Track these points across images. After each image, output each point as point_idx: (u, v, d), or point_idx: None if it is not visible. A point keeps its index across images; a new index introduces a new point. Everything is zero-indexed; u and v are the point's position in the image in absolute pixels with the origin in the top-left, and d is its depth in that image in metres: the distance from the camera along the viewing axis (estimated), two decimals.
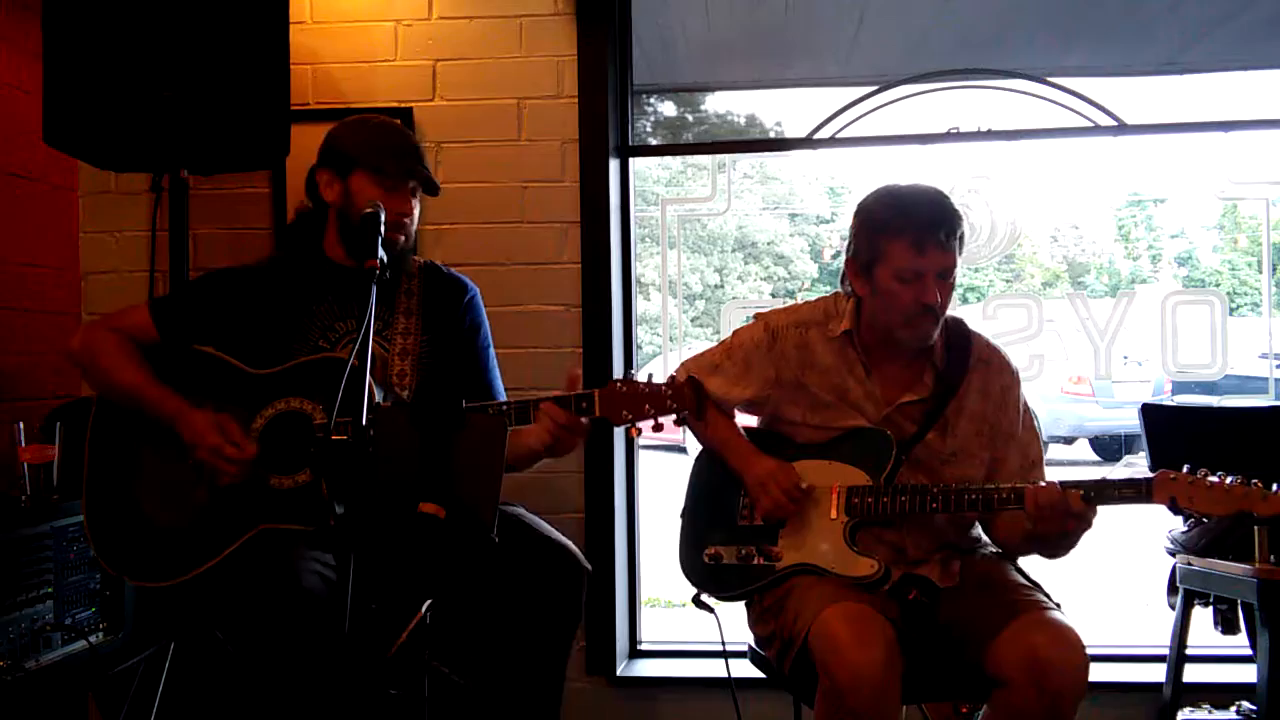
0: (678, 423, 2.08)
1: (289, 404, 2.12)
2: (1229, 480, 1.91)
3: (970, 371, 2.20)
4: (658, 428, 2.09)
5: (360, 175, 2.19)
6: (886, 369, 2.19)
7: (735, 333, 2.34)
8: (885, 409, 2.17)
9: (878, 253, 2.10)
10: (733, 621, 2.29)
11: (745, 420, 2.36)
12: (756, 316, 2.33)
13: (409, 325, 2.27)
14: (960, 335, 2.22)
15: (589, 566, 2.19)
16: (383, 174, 2.18)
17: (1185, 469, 1.95)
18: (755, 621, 2.22)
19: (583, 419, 2.05)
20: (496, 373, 2.43)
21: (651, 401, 2.05)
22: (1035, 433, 2.24)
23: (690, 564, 2.26)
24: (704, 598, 2.24)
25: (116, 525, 2.12)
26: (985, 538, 2.26)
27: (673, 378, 2.07)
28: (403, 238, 2.22)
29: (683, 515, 2.32)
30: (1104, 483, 1.98)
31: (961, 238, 2.09)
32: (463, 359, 2.36)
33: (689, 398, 2.05)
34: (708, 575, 2.23)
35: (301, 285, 2.26)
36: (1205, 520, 1.93)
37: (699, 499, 2.32)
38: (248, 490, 2.07)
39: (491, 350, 2.44)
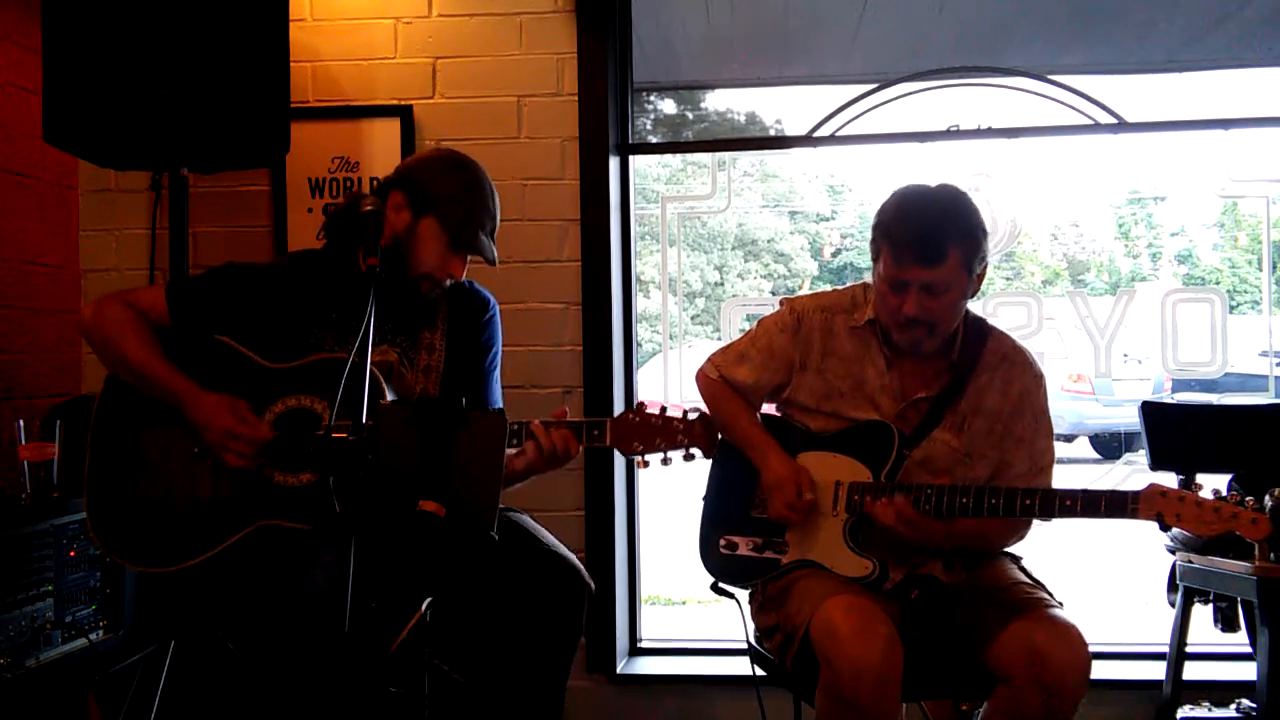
0: (686, 458, 2.08)
1: (299, 401, 2.11)
2: (1219, 500, 1.89)
3: (988, 370, 2.18)
4: (666, 462, 2.09)
5: (432, 222, 2.14)
6: (907, 363, 2.18)
7: (760, 320, 2.33)
8: (900, 404, 2.16)
9: (876, 252, 2.11)
10: (731, 620, 2.29)
11: (763, 408, 2.35)
12: (782, 301, 2.33)
13: (434, 341, 2.25)
14: (976, 333, 2.20)
15: (592, 584, 2.17)
16: (453, 234, 2.14)
17: (1177, 483, 1.93)
18: (758, 611, 2.23)
19: (580, 446, 2.06)
20: (497, 394, 2.39)
21: (663, 436, 2.05)
22: (1050, 438, 2.21)
23: (706, 550, 2.27)
24: (722, 584, 2.26)
25: (117, 509, 2.11)
26: None
27: (685, 412, 2.06)
28: (438, 291, 2.21)
29: (704, 500, 2.33)
30: (1090, 494, 1.97)
31: (966, 255, 2.03)
32: (476, 375, 2.34)
33: (700, 435, 2.05)
34: (721, 563, 2.24)
35: (327, 289, 2.22)
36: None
37: (719, 486, 2.32)
38: (251, 485, 2.07)
39: (497, 373, 2.40)
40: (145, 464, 2.13)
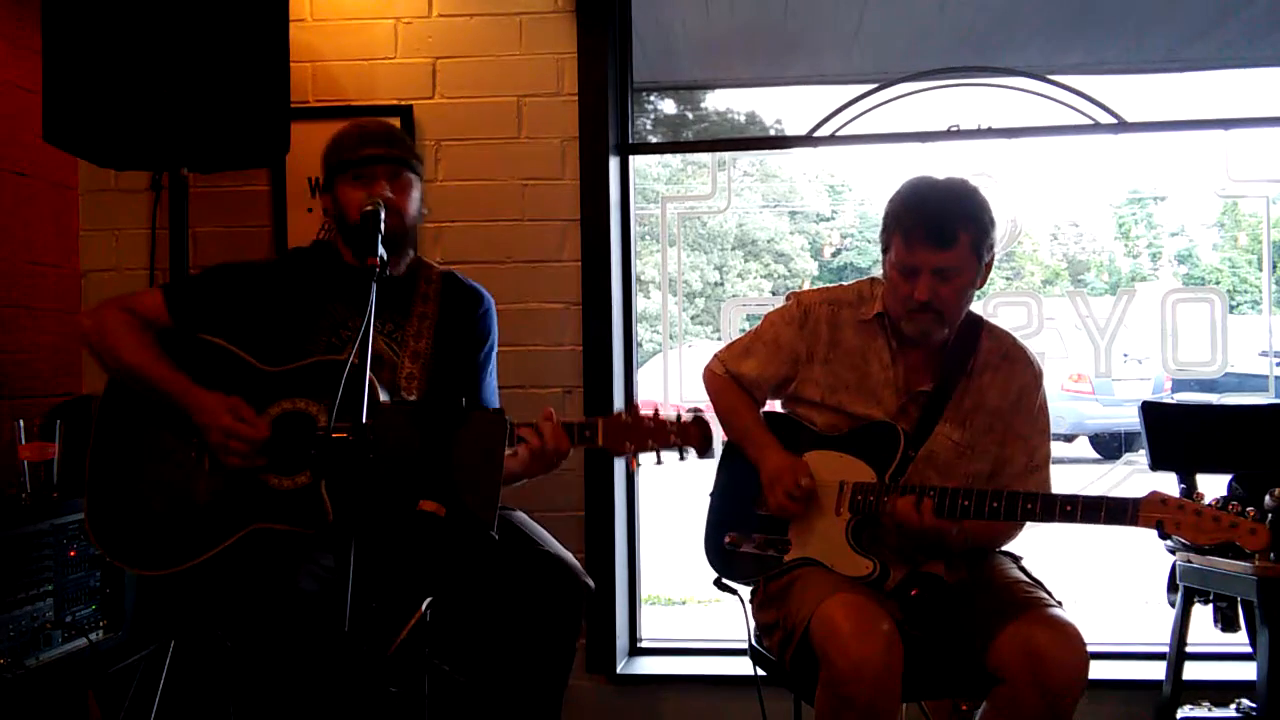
0: (680, 458, 2.08)
1: (295, 404, 2.12)
2: (1218, 510, 1.90)
3: (990, 368, 2.19)
4: (659, 462, 2.08)
5: (338, 182, 2.21)
6: (912, 356, 2.20)
7: (767, 315, 2.35)
8: (902, 397, 2.17)
9: (887, 243, 2.14)
10: (731, 620, 2.29)
11: (767, 405, 2.36)
12: (789, 296, 2.34)
13: (422, 329, 2.26)
14: (969, 330, 2.22)
15: (591, 584, 2.17)
16: (349, 167, 2.19)
17: (1177, 482, 1.94)
18: (759, 608, 2.23)
19: (571, 446, 2.07)
20: (491, 392, 2.40)
21: (655, 436, 2.05)
22: (1046, 435, 2.23)
23: (711, 546, 2.28)
24: (725, 580, 2.27)
25: (115, 512, 2.12)
26: None
27: (679, 412, 2.06)
28: (396, 222, 2.14)
29: (711, 496, 2.34)
30: (1090, 501, 1.98)
31: (975, 239, 2.06)
32: (469, 368, 2.35)
33: (694, 434, 2.05)
34: (725, 559, 2.25)
35: (316, 283, 2.26)
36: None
37: (726, 483, 2.33)
38: (247, 488, 2.07)
39: (491, 369, 2.40)
40: (145, 467, 2.14)
